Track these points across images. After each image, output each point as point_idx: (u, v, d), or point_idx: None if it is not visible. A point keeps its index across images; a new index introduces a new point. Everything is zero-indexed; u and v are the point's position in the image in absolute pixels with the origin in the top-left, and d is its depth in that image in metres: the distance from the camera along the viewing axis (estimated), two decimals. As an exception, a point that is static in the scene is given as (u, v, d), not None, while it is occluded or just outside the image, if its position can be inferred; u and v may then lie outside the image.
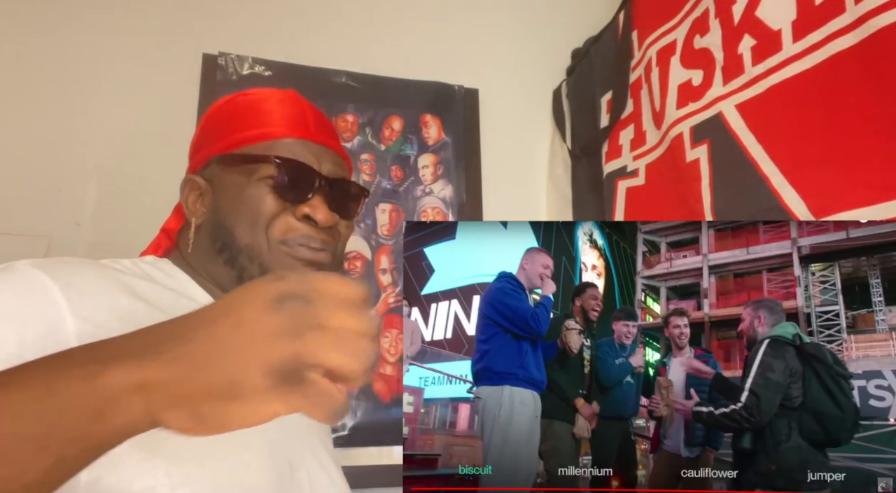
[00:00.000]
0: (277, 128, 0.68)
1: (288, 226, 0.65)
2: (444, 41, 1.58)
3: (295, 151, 0.67)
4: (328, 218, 0.66)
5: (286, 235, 0.65)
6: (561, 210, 1.56)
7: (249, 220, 0.65)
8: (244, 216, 0.65)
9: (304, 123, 0.70)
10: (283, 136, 0.68)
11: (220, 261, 0.65)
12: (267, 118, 0.69)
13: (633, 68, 1.34)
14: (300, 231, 0.65)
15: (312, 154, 0.68)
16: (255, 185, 0.65)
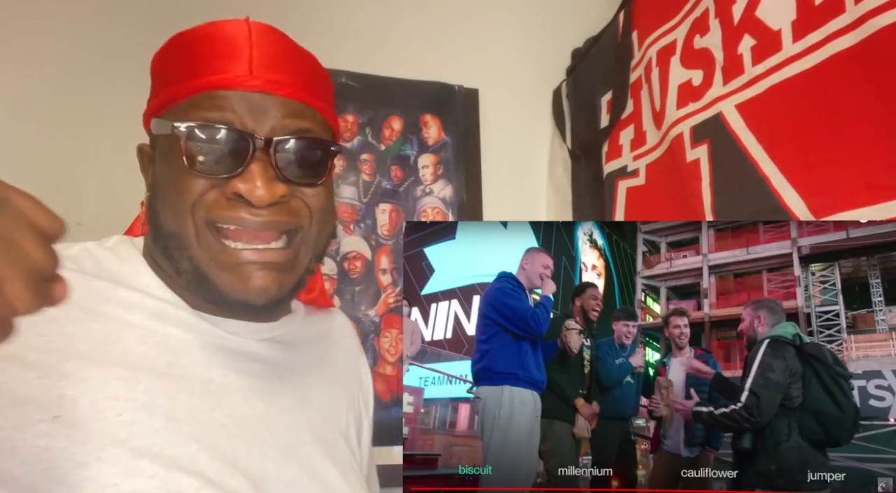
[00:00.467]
0: (202, 78, 0.53)
1: (216, 206, 0.52)
2: (444, 41, 1.58)
3: (223, 107, 0.52)
4: (268, 193, 0.51)
5: (212, 215, 0.52)
6: (561, 210, 1.56)
7: (172, 203, 0.53)
8: (167, 198, 0.53)
9: (243, 66, 0.53)
10: (209, 88, 0.52)
11: (158, 250, 0.56)
12: (196, 65, 0.54)
13: (633, 68, 1.34)
14: (233, 212, 0.51)
15: (248, 108, 0.52)
16: (175, 158, 0.52)
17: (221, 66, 0.53)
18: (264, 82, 0.53)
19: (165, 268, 0.56)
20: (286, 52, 0.58)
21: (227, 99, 0.52)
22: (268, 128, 0.53)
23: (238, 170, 0.51)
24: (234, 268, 0.52)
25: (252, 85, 0.53)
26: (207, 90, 0.53)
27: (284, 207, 0.53)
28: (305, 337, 0.66)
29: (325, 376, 0.66)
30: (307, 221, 0.56)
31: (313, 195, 0.56)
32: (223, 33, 0.56)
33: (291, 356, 0.62)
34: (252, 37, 0.56)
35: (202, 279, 0.53)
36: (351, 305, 1.34)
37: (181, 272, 0.54)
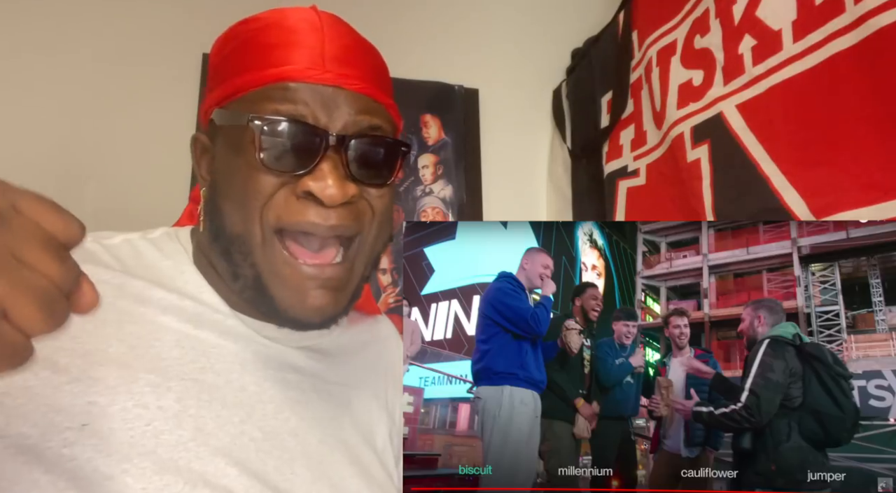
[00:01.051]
0: (273, 69, 0.51)
1: (286, 208, 0.50)
2: (444, 41, 1.58)
3: (295, 100, 0.50)
4: (340, 192, 0.49)
5: (282, 221, 0.50)
6: (561, 210, 1.56)
7: (239, 201, 0.51)
8: (234, 196, 0.51)
9: (314, 57, 0.51)
10: (280, 79, 0.51)
11: (217, 250, 0.54)
12: (264, 56, 0.52)
13: (634, 68, 1.34)
14: (302, 216, 0.50)
15: (320, 102, 0.50)
16: (244, 152, 0.50)
17: (293, 57, 0.51)
18: (337, 76, 0.52)
19: (220, 269, 0.54)
20: (356, 44, 0.56)
21: (300, 91, 0.50)
22: (339, 124, 0.51)
23: (309, 167, 0.49)
24: (294, 284, 0.51)
25: (325, 78, 0.51)
26: (280, 81, 0.51)
27: (352, 209, 0.52)
28: (347, 346, 0.64)
29: (364, 389, 0.64)
30: (368, 226, 0.54)
31: (378, 197, 0.54)
32: (292, 22, 0.54)
33: (330, 366, 0.61)
34: (324, 27, 0.54)
35: (260, 289, 0.52)
36: (351, 305, 1.34)
37: (239, 277, 0.52)
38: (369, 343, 0.69)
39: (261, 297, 0.52)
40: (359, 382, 0.63)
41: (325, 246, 0.52)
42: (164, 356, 0.49)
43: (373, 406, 0.64)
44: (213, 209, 0.54)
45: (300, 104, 0.50)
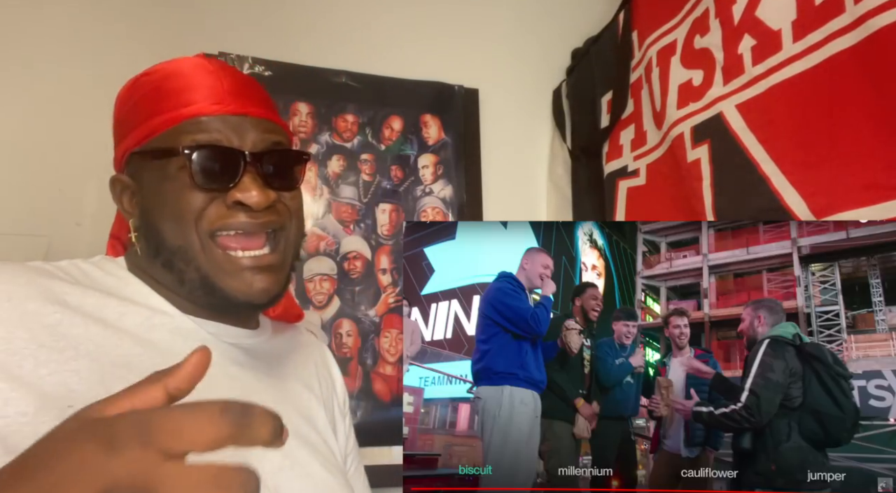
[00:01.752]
0: (185, 108, 0.61)
1: (218, 214, 0.59)
2: (444, 41, 1.58)
3: (209, 130, 0.60)
4: (263, 198, 0.59)
5: (216, 225, 0.59)
6: (561, 210, 1.56)
7: (175, 218, 0.60)
8: (169, 215, 0.60)
9: (216, 94, 0.62)
10: (193, 115, 0.61)
11: (158, 264, 0.62)
12: (172, 99, 0.62)
13: (634, 68, 1.34)
14: (236, 219, 0.60)
15: (231, 129, 0.61)
16: (172, 179, 0.60)
17: (198, 97, 0.62)
18: (239, 106, 0.62)
19: (164, 280, 0.62)
20: (245, 80, 0.67)
21: (212, 122, 0.61)
22: (250, 143, 0.61)
23: (234, 181, 0.59)
24: (238, 274, 0.60)
25: (230, 109, 0.62)
26: (193, 117, 0.61)
27: (273, 210, 0.62)
28: (275, 349, 0.72)
29: (297, 382, 0.71)
30: (289, 221, 0.65)
31: (291, 198, 0.65)
32: (189, 68, 0.64)
33: (264, 363, 0.68)
34: (216, 70, 0.64)
35: (208, 287, 0.60)
36: (351, 305, 1.34)
37: (185, 282, 0.60)
38: (295, 348, 0.76)
39: (210, 293, 0.60)
40: (291, 377, 0.71)
41: (254, 238, 0.61)
42: (127, 353, 0.55)
43: (309, 397, 0.72)
44: (150, 231, 0.62)
45: (214, 132, 0.60)
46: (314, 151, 1.39)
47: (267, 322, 0.74)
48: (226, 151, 0.60)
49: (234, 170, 0.59)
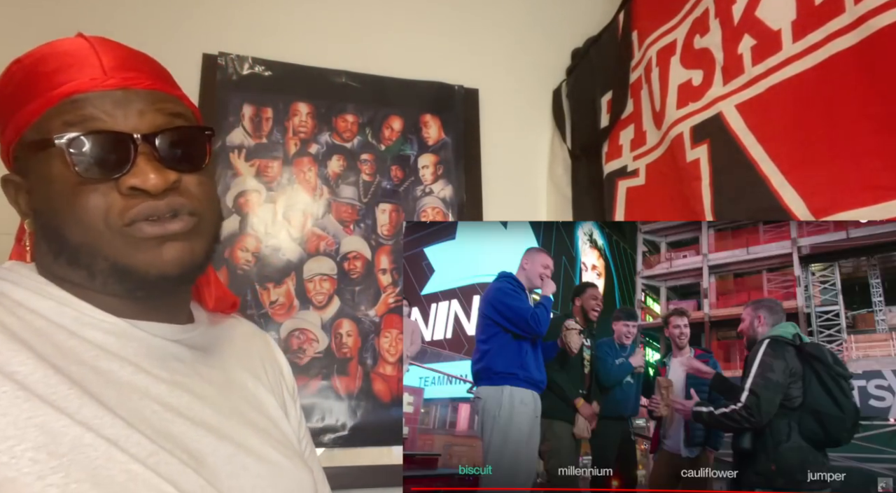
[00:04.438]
0: (57, 89, 0.53)
1: (122, 207, 0.53)
2: (444, 41, 1.58)
3: (85, 109, 0.53)
4: (161, 179, 0.53)
5: (126, 216, 0.53)
6: (561, 210, 1.56)
7: (73, 219, 0.53)
8: (65, 216, 0.53)
9: (94, 71, 0.54)
10: (66, 94, 0.53)
11: (63, 263, 0.55)
12: (44, 81, 0.54)
13: (633, 68, 1.34)
14: (138, 205, 0.53)
15: (114, 106, 0.54)
16: (58, 175, 0.53)
17: (74, 75, 0.54)
18: (121, 80, 0.55)
19: (74, 279, 0.56)
20: (131, 53, 0.59)
21: (88, 100, 0.53)
22: (137, 120, 0.54)
23: (126, 167, 0.52)
24: (144, 245, 0.54)
25: (110, 84, 0.54)
26: (66, 97, 0.53)
27: (178, 192, 0.55)
28: (214, 340, 0.68)
29: (241, 372, 0.68)
30: (199, 206, 0.58)
31: (198, 185, 0.58)
32: (65, 48, 0.56)
33: (206, 355, 0.65)
34: (94, 46, 0.57)
35: (120, 271, 0.54)
36: (351, 305, 1.34)
37: (96, 274, 0.55)
38: (235, 338, 0.73)
39: (123, 278, 0.55)
40: (234, 366, 0.68)
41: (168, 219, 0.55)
42: (62, 347, 0.52)
43: (255, 384, 0.69)
44: (49, 233, 0.56)
45: (93, 112, 0.53)
46: (314, 152, 1.39)
47: (203, 316, 0.70)
48: (110, 136, 0.52)
49: (125, 154, 0.52)
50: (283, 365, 0.79)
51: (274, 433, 0.65)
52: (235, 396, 0.64)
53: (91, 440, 0.46)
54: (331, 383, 1.28)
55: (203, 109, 1.32)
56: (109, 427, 0.48)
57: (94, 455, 0.46)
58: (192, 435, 0.54)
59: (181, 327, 0.63)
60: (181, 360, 0.60)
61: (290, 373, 0.80)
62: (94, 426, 0.47)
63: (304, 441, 0.77)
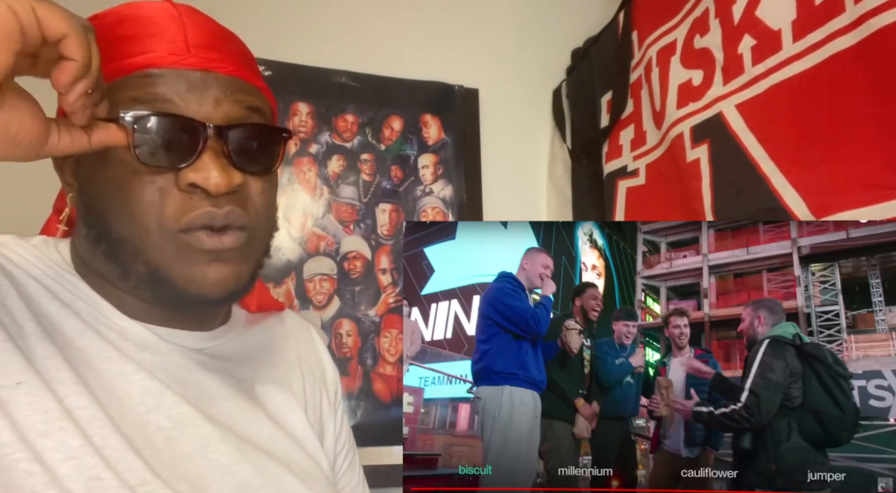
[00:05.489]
0: (132, 58, 0.48)
1: (179, 208, 0.48)
2: (444, 41, 1.58)
3: (159, 87, 0.48)
4: (225, 180, 0.48)
5: (182, 221, 0.48)
6: (561, 210, 1.57)
7: (122, 210, 0.48)
8: (114, 204, 0.48)
9: (177, 45, 0.49)
10: (141, 66, 0.48)
11: (99, 253, 0.50)
12: (121, 47, 0.49)
13: (633, 68, 1.34)
14: (197, 209, 0.48)
15: (190, 88, 0.48)
16: (115, 155, 0.47)
17: (153, 46, 0.49)
18: (203, 59, 0.50)
19: (106, 272, 0.51)
20: (220, 31, 0.55)
21: (164, 78, 0.48)
22: (213, 108, 0.49)
23: (190, 159, 0.47)
24: (192, 260, 0.49)
25: (190, 62, 0.49)
26: (140, 69, 0.48)
27: (240, 198, 0.50)
28: (247, 346, 0.63)
29: (275, 384, 0.62)
30: (255, 220, 0.53)
31: (261, 193, 0.53)
32: (149, 13, 0.51)
33: (235, 364, 0.59)
34: (182, 16, 0.51)
35: (157, 280, 0.50)
36: (351, 305, 1.34)
37: (130, 275, 0.50)
38: (272, 342, 0.67)
39: (159, 287, 0.50)
40: (262, 378, 0.61)
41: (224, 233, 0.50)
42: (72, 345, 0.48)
43: (285, 400, 0.62)
44: (91, 216, 0.51)
45: (165, 90, 0.48)
46: (314, 151, 1.39)
47: (240, 315, 0.64)
48: (179, 121, 0.47)
49: (192, 144, 0.47)
50: (326, 369, 0.72)
51: (297, 457, 0.59)
52: (259, 412, 0.58)
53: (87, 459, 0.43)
54: (331, 384, 1.28)
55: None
56: (103, 441, 0.44)
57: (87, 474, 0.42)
58: (198, 459, 0.49)
59: (209, 333, 0.58)
60: (206, 367, 0.55)
61: (336, 376, 0.73)
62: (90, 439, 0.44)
63: (342, 454, 0.71)
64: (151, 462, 0.46)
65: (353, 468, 0.73)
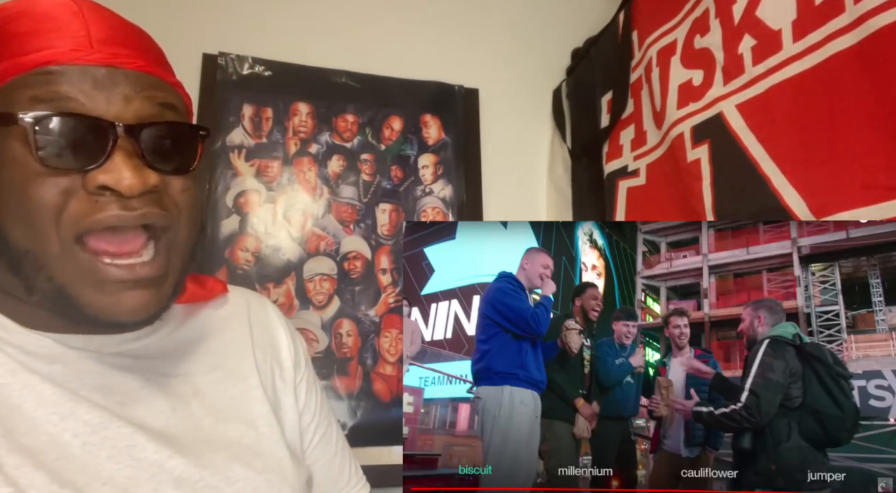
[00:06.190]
0: (31, 55, 0.44)
1: (83, 210, 0.44)
2: (444, 41, 1.58)
3: (61, 85, 0.44)
4: (139, 181, 0.45)
5: (82, 225, 0.45)
6: (561, 210, 1.56)
7: (21, 216, 0.45)
8: (13, 210, 0.45)
9: (79, 40, 0.46)
10: (41, 63, 0.44)
11: (2, 266, 0.47)
12: (16, 43, 0.45)
13: (634, 68, 1.34)
14: (103, 212, 0.44)
15: (95, 85, 0.45)
16: (15, 158, 0.44)
17: (54, 42, 0.45)
18: (109, 55, 0.46)
19: (8, 285, 0.48)
20: (125, 25, 0.51)
21: (66, 75, 0.45)
22: (122, 107, 0.46)
23: (100, 160, 0.44)
24: (103, 287, 0.46)
25: (95, 58, 0.46)
26: (39, 66, 0.44)
27: (156, 198, 0.47)
28: (184, 338, 0.60)
29: (218, 372, 0.60)
30: (176, 219, 0.50)
31: (182, 191, 0.50)
32: (46, 8, 0.47)
33: (166, 360, 0.57)
34: (83, 11, 0.48)
35: (64, 300, 0.47)
36: (351, 305, 1.34)
37: (34, 290, 0.47)
38: (214, 330, 0.63)
39: (65, 307, 0.47)
40: (200, 369, 0.59)
41: (131, 238, 0.47)
42: None
43: (229, 386, 0.60)
44: None
45: (69, 89, 0.44)
46: (314, 151, 1.39)
47: (175, 311, 0.60)
48: (85, 121, 0.44)
49: (100, 145, 0.44)
50: (280, 345, 0.68)
51: (248, 441, 0.57)
52: (196, 406, 0.55)
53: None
54: (331, 383, 1.28)
55: (203, 108, 1.32)
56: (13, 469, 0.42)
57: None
58: (124, 461, 0.47)
59: (130, 335, 0.54)
60: (123, 374, 0.52)
61: (292, 351, 0.69)
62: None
63: (311, 429, 0.68)
64: (64, 471, 0.44)
65: (327, 440, 0.71)
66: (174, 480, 0.49)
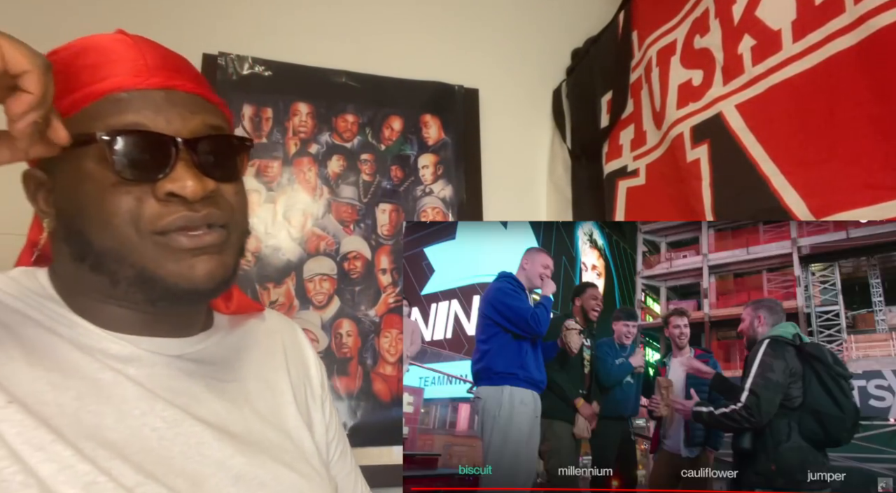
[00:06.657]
0: (100, 83, 0.52)
1: (156, 213, 0.52)
2: (445, 41, 1.58)
3: (130, 109, 0.52)
4: (200, 187, 0.52)
5: (157, 226, 0.52)
6: (561, 210, 1.56)
7: (101, 221, 0.52)
8: (93, 217, 0.52)
9: (138, 67, 0.54)
10: (109, 90, 0.52)
11: (85, 268, 0.53)
12: (86, 75, 0.53)
13: (633, 68, 1.34)
14: (174, 214, 0.52)
15: (156, 107, 0.53)
16: (91, 173, 0.51)
17: (116, 70, 0.54)
18: (165, 78, 0.55)
19: (94, 285, 0.54)
20: (172, 54, 0.60)
21: (133, 100, 0.53)
22: (180, 125, 0.54)
23: (165, 171, 0.52)
24: (178, 257, 0.53)
25: (154, 82, 0.54)
26: (109, 93, 0.52)
27: (214, 201, 0.55)
28: (231, 348, 0.66)
29: (261, 382, 0.66)
30: (230, 219, 0.57)
31: (234, 194, 0.58)
32: (105, 43, 0.56)
33: (220, 366, 0.63)
34: (136, 43, 0.57)
35: (146, 280, 0.53)
36: (351, 305, 1.34)
37: (119, 281, 0.53)
38: (258, 341, 0.71)
39: (148, 286, 0.54)
40: (250, 377, 0.65)
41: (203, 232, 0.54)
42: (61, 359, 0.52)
43: (275, 394, 0.67)
44: (72, 234, 0.54)
45: (137, 112, 0.52)
46: (314, 152, 1.39)
47: (223, 320, 0.68)
48: (154, 137, 0.52)
49: (165, 158, 0.52)
50: (310, 364, 0.76)
51: (288, 447, 0.63)
52: (247, 410, 0.61)
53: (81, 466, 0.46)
54: (331, 383, 1.28)
55: (203, 108, 1.32)
56: (93, 452, 0.47)
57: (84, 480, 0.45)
58: (194, 456, 0.53)
59: (192, 338, 0.61)
60: (190, 374, 0.59)
61: (319, 371, 0.77)
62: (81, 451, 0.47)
63: (333, 444, 0.74)
64: (145, 463, 0.50)
65: (344, 457, 0.77)
66: (233, 477, 0.54)
